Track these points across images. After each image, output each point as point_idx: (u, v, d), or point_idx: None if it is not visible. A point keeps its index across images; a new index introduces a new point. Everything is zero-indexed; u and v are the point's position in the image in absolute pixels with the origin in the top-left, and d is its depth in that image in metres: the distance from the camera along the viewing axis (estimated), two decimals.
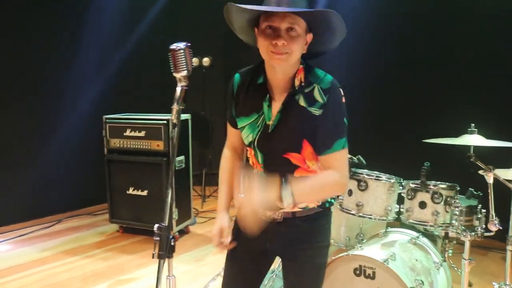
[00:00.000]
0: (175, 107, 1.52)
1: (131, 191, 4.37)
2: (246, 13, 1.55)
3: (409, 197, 2.72)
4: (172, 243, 1.53)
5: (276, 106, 1.63)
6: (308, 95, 1.59)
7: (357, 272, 2.49)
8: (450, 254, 3.02)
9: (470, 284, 3.42)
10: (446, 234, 2.87)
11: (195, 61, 5.52)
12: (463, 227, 2.54)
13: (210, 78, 5.73)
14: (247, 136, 1.71)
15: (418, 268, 2.59)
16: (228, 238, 1.79)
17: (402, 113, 4.50)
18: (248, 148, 1.75)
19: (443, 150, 2.98)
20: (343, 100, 1.60)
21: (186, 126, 4.51)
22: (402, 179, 2.85)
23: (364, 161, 2.87)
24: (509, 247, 2.72)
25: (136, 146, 4.31)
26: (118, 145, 4.37)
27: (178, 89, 1.54)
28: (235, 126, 1.77)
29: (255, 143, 1.68)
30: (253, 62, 1.59)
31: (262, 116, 1.65)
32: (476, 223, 2.63)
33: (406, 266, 2.52)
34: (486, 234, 2.49)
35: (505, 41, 4.05)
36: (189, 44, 1.52)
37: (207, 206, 5.54)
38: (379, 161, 2.94)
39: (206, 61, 5.51)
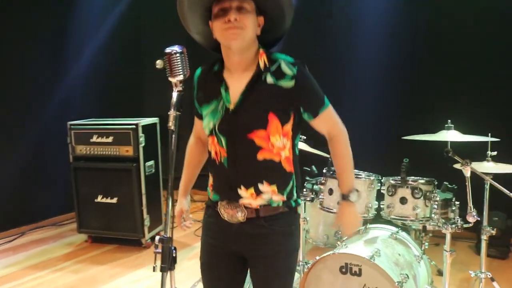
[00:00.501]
0: (172, 113, 1.46)
1: (99, 199, 4.22)
2: (195, 10, 1.61)
3: (390, 193, 2.77)
4: (174, 255, 1.47)
5: (237, 89, 1.64)
6: (276, 71, 1.62)
7: (343, 270, 2.51)
8: (426, 247, 3.11)
9: (441, 273, 3.54)
10: (424, 227, 2.94)
11: (159, 63, 5.38)
12: (443, 220, 2.61)
13: None
14: (208, 123, 1.69)
15: (402, 262, 2.64)
16: (188, 221, 1.95)
17: (379, 111, 4.55)
18: (209, 139, 1.73)
19: (417, 146, 3.06)
20: None
21: (154, 130, 4.41)
22: (380, 176, 2.90)
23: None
24: (483, 237, 2.83)
25: (104, 152, 4.16)
26: (85, 152, 4.21)
27: (175, 94, 1.48)
28: (199, 116, 1.80)
29: (216, 128, 1.66)
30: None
31: (221, 101, 1.65)
32: (451, 215, 2.71)
33: (390, 261, 2.56)
34: (465, 225, 2.57)
35: (479, 39, 4.18)
36: (184, 47, 1.47)
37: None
38: (356, 159, 2.97)
39: None
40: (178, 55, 1.45)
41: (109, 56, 5.44)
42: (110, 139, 4.13)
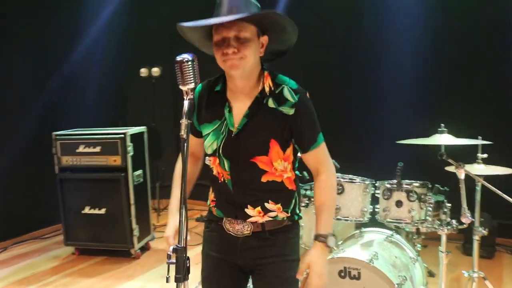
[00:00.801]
0: (183, 121, 1.44)
1: (87, 210, 4.13)
2: (194, 30, 1.59)
3: (385, 197, 2.80)
4: (188, 265, 1.45)
5: (239, 111, 1.64)
6: (278, 96, 1.62)
7: (342, 274, 2.52)
8: (419, 249, 3.15)
9: (432, 274, 3.60)
10: (418, 229, 3.00)
11: (144, 71, 5.35)
12: (438, 221, 2.66)
13: (160, 89, 5.58)
14: (212, 143, 1.69)
15: (399, 264, 2.67)
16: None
17: (371, 116, 4.56)
18: (211, 158, 1.72)
19: (408, 150, 3.11)
20: None
21: (141, 139, 4.36)
22: (374, 180, 2.94)
23: (338, 165, 2.92)
24: (475, 237, 2.88)
25: (91, 162, 4.08)
26: (71, 162, 4.12)
27: (186, 103, 1.46)
28: (195, 133, 1.78)
29: (220, 150, 1.67)
30: (202, 73, 1.56)
31: (225, 123, 1.65)
32: (443, 217, 2.76)
33: (388, 264, 2.59)
34: (460, 226, 2.62)
35: (472, 43, 4.28)
36: (195, 55, 1.46)
37: (162, 219, 5.37)
38: (348, 164, 3.00)
39: (155, 71, 5.35)
40: (189, 63, 1.43)
41: (91, 66, 5.35)
42: (97, 149, 4.06)
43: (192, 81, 1.45)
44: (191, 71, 1.44)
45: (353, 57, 4.72)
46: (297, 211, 1.77)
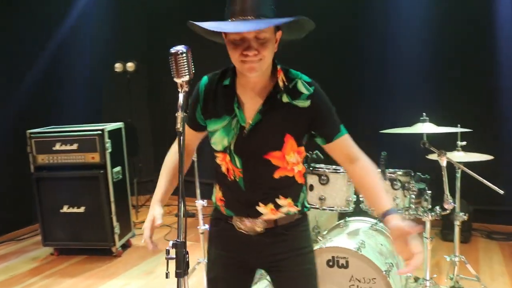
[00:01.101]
0: (179, 114, 1.41)
1: (65, 209, 4.04)
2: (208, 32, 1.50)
3: None
4: (187, 259, 1.43)
5: (251, 107, 1.60)
6: (292, 90, 1.58)
7: (330, 263, 2.55)
8: None
9: None
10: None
11: (118, 66, 5.24)
12: (422, 208, 2.71)
13: (135, 84, 5.49)
14: (222, 140, 1.63)
15: (385, 252, 2.71)
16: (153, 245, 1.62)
17: (355, 106, 4.55)
18: (219, 155, 1.67)
19: (390, 139, 3.15)
20: None
21: (120, 135, 4.28)
22: None
23: (321, 156, 2.94)
24: (456, 223, 2.97)
25: (68, 160, 3.98)
26: (47, 161, 4.01)
27: (181, 96, 1.43)
28: (194, 126, 1.72)
29: (232, 147, 1.62)
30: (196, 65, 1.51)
31: (236, 119, 1.60)
32: (425, 204, 2.81)
33: (375, 252, 2.62)
34: (443, 213, 2.68)
35: (452, 35, 4.32)
36: (189, 47, 1.43)
37: (141, 216, 5.30)
38: None
39: (130, 66, 5.24)
40: (184, 55, 1.40)
41: (65, 62, 5.20)
42: (74, 146, 3.97)
43: (187, 73, 1.42)
44: (185, 63, 1.41)
45: (336, 49, 4.74)
46: (306, 204, 1.75)
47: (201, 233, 3.23)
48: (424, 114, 2.74)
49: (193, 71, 1.44)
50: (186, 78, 1.42)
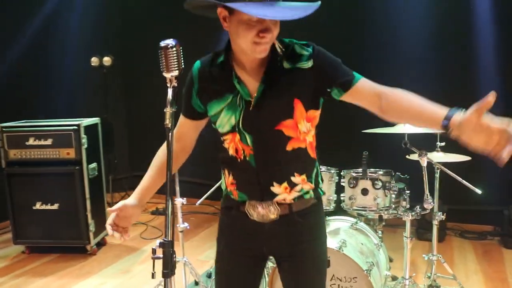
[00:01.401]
0: (168, 110, 1.37)
1: (38, 206, 3.91)
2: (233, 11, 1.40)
3: (351, 185, 2.85)
4: (174, 259, 1.38)
5: (253, 80, 1.54)
6: (290, 55, 1.51)
7: None
8: (380, 235, 3.24)
9: (391, 259, 3.71)
10: (380, 216, 3.07)
11: (94, 60, 5.10)
12: (402, 208, 2.73)
13: (111, 78, 5.37)
14: (229, 119, 1.56)
15: (365, 251, 2.73)
16: (127, 234, 1.61)
17: (336, 105, 4.51)
18: (227, 137, 1.59)
19: (369, 139, 3.17)
20: None
21: (96, 130, 4.17)
22: (338, 169, 2.97)
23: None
24: (434, 222, 3.00)
25: (42, 156, 3.85)
26: (20, 156, 3.87)
27: (170, 91, 1.38)
28: (193, 116, 1.65)
29: (240, 125, 1.55)
30: (154, 62, 1.42)
31: (239, 95, 1.53)
32: (403, 203, 2.84)
33: (356, 251, 2.63)
34: (423, 212, 2.70)
35: (434, 33, 4.32)
36: (178, 41, 1.38)
37: None
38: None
39: (107, 60, 5.12)
40: (174, 49, 1.35)
41: (40, 55, 5.01)
42: (49, 142, 3.84)
43: (177, 68, 1.37)
44: (175, 57, 1.36)
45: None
46: (320, 183, 1.67)
47: (180, 231, 3.17)
48: None
49: (183, 66, 1.40)
50: (175, 73, 1.37)
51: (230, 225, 1.69)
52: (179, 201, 3.16)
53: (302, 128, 1.55)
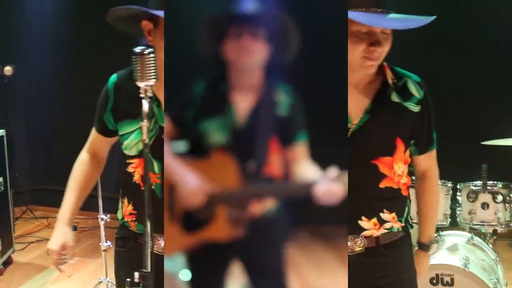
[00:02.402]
0: (144, 123, 1.11)
1: None
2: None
3: (471, 199, 2.60)
4: None
5: (356, 106, 1.33)
6: (402, 90, 1.34)
7: (434, 281, 2.24)
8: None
9: None
10: (495, 230, 2.74)
11: (9, 70, 4.44)
12: None
13: (12, 89, 4.69)
14: (138, 142, 1.34)
15: (487, 268, 2.44)
16: (73, 259, 1.43)
17: (454, 113, 3.77)
18: (131, 161, 1.37)
19: (492, 150, 2.80)
20: None
21: (1, 143, 3.59)
22: (453, 182, 2.69)
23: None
24: None
25: None
26: None
27: (145, 102, 1.13)
28: (107, 132, 1.43)
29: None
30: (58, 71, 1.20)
31: (154, 118, 1.31)
32: None
33: (479, 268, 2.35)
34: None
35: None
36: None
37: (19, 229, 4.47)
38: None
39: (8, 70, 4.44)
40: (151, 55, 1.09)
41: None
42: None
43: (154, 76, 1.13)
44: (153, 64, 1.13)
45: (442, 55, 3.95)
46: (410, 220, 1.46)
47: (103, 250, 2.79)
48: None
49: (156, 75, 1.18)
50: (153, 81, 1.12)
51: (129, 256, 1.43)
52: (102, 217, 2.80)
53: (398, 170, 1.36)
